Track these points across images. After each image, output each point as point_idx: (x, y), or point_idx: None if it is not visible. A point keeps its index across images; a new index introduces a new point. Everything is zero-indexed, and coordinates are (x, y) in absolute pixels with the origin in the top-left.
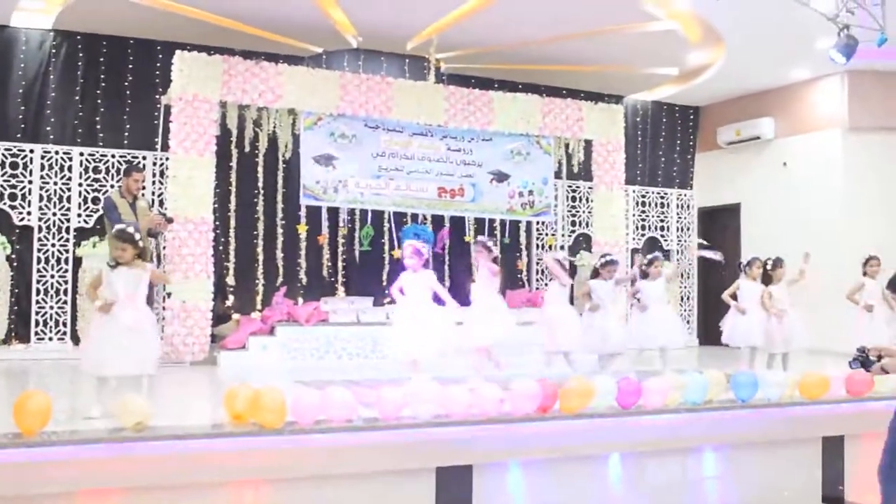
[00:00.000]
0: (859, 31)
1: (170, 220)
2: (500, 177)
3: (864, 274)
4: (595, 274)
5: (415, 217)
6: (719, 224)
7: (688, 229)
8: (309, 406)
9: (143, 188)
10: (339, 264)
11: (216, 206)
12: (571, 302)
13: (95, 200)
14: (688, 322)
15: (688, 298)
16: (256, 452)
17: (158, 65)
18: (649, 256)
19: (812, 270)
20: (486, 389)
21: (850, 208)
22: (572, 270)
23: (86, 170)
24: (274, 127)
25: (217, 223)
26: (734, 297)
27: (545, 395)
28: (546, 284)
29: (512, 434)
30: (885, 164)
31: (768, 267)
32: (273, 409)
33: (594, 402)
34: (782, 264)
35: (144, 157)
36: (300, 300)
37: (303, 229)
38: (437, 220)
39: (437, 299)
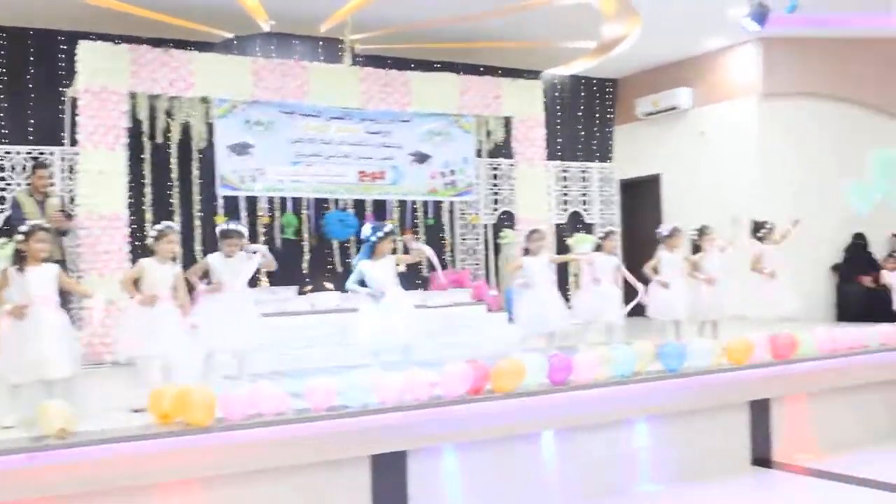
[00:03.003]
0: None
1: (69, 217)
2: (421, 158)
3: (760, 240)
4: (525, 251)
5: (336, 202)
6: (640, 196)
7: (610, 202)
8: (238, 401)
9: (52, 185)
10: None
11: (130, 200)
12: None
13: (2, 200)
14: None
15: (616, 271)
16: (186, 452)
17: (62, 56)
18: (605, 230)
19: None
20: (418, 374)
21: (766, 175)
22: (495, 249)
23: None
24: (187, 116)
25: (132, 218)
26: (656, 270)
27: (477, 377)
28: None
29: (445, 417)
30: (800, 130)
31: (695, 237)
32: (202, 406)
33: (526, 381)
34: (710, 231)
35: (52, 153)
36: None
37: (221, 220)
38: (359, 205)
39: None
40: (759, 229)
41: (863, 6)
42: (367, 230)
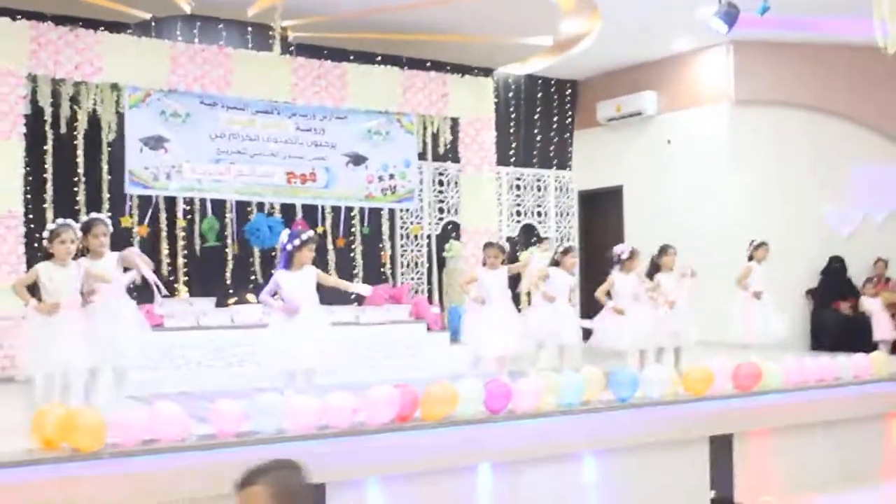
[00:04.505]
0: None
1: None
2: (357, 159)
3: (751, 259)
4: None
5: (261, 206)
6: (601, 208)
7: (567, 214)
8: (133, 424)
9: None
10: (179, 261)
11: (28, 196)
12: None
13: None
14: None
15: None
16: (72, 480)
17: None
18: (565, 245)
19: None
20: (338, 398)
21: (738, 187)
22: (439, 262)
23: None
24: (95, 104)
25: (30, 216)
26: (609, 294)
27: (404, 403)
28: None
29: (368, 447)
30: (774, 141)
31: (655, 255)
32: (89, 429)
33: (460, 408)
34: (670, 251)
35: None
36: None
37: (127, 221)
38: (288, 210)
39: None
40: (756, 248)
41: (841, 10)
42: (283, 237)
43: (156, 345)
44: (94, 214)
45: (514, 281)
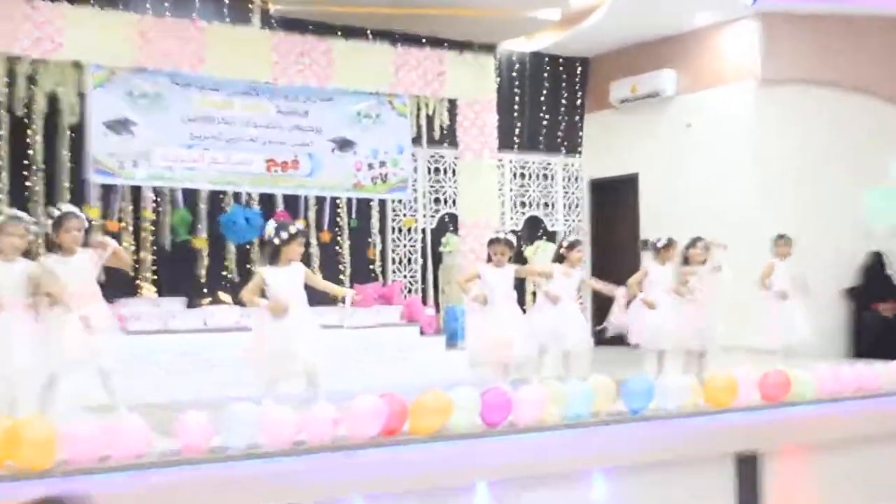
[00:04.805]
0: None
1: None
2: (344, 145)
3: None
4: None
5: (237, 197)
6: (614, 199)
7: (577, 205)
8: (87, 439)
9: None
10: (146, 257)
11: None
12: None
13: None
14: None
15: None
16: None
17: None
18: (570, 240)
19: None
20: (318, 409)
21: (765, 176)
22: (434, 259)
23: None
24: (54, 84)
25: None
26: (640, 286)
27: (391, 414)
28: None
29: (351, 464)
30: (805, 124)
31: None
32: (38, 444)
33: (453, 420)
34: (699, 244)
35: None
36: None
37: (94, 213)
38: (267, 200)
39: None
40: (776, 242)
41: None
42: (269, 229)
43: (119, 349)
44: (67, 207)
45: (520, 281)
